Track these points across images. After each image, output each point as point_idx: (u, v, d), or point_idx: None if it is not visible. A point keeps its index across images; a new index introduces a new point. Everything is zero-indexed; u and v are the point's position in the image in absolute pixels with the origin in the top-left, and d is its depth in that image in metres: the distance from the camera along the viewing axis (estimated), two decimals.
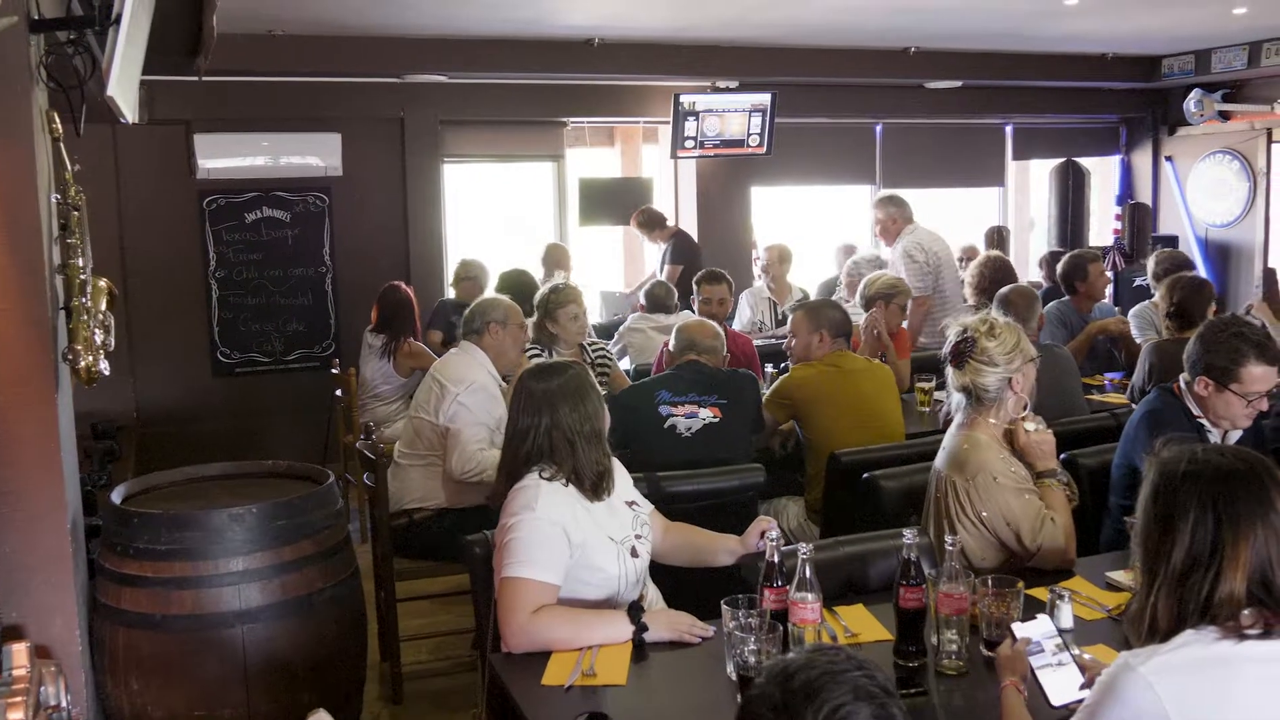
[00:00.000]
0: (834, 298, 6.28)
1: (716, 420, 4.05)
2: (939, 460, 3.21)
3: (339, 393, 6.46)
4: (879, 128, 9.64)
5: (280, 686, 3.32)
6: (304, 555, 3.41)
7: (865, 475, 3.65)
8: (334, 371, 6.70)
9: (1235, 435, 3.47)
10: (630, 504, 3.00)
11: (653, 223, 8.24)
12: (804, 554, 2.44)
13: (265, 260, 7.74)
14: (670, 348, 4.53)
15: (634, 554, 2.85)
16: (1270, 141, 9.72)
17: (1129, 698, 1.75)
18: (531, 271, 7.11)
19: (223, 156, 7.52)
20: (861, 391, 4.40)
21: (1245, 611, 1.76)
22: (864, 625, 2.67)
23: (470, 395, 4.29)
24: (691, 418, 4.03)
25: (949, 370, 3.21)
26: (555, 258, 7.39)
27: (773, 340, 6.58)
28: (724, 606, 2.43)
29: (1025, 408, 3.16)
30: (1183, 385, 3.50)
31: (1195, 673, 1.73)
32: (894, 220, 6.85)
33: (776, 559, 2.52)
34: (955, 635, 2.44)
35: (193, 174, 7.48)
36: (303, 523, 3.44)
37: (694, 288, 5.94)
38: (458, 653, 4.64)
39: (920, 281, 6.45)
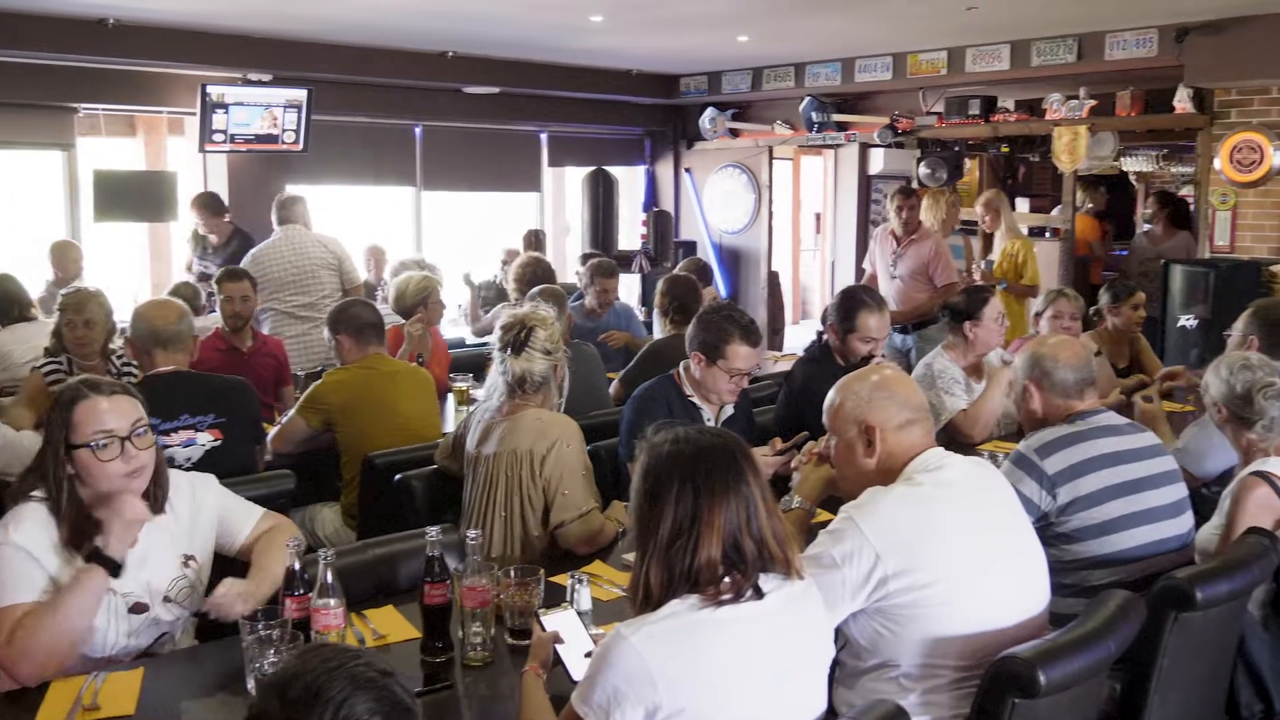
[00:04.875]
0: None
1: (219, 444, 3.79)
2: (498, 443, 3.27)
3: None
4: (419, 129, 9.67)
5: None
6: None
7: (399, 476, 3.65)
8: None
9: (728, 413, 3.85)
10: (187, 560, 2.71)
11: (213, 207, 7.72)
12: (325, 559, 2.39)
13: None
14: (130, 335, 4.03)
15: (136, 610, 2.58)
16: (772, 158, 10.82)
17: (619, 664, 1.88)
18: (27, 272, 6.38)
19: None
20: (397, 394, 4.38)
21: (725, 580, 1.94)
22: (392, 626, 2.67)
23: None
24: (190, 445, 3.72)
25: (503, 359, 3.31)
26: (63, 256, 6.72)
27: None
28: (240, 620, 2.32)
29: (561, 395, 3.45)
30: (681, 371, 3.86)
31: (677, 638, 1.89)
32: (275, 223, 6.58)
33: (297, 566, 2.45)
34: (480, 627, 2.49)
35: None
36: None
37: (214, 286, 5.56)
38: None
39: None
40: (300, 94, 8.32)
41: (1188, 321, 7.05)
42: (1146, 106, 7.99)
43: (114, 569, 2.43)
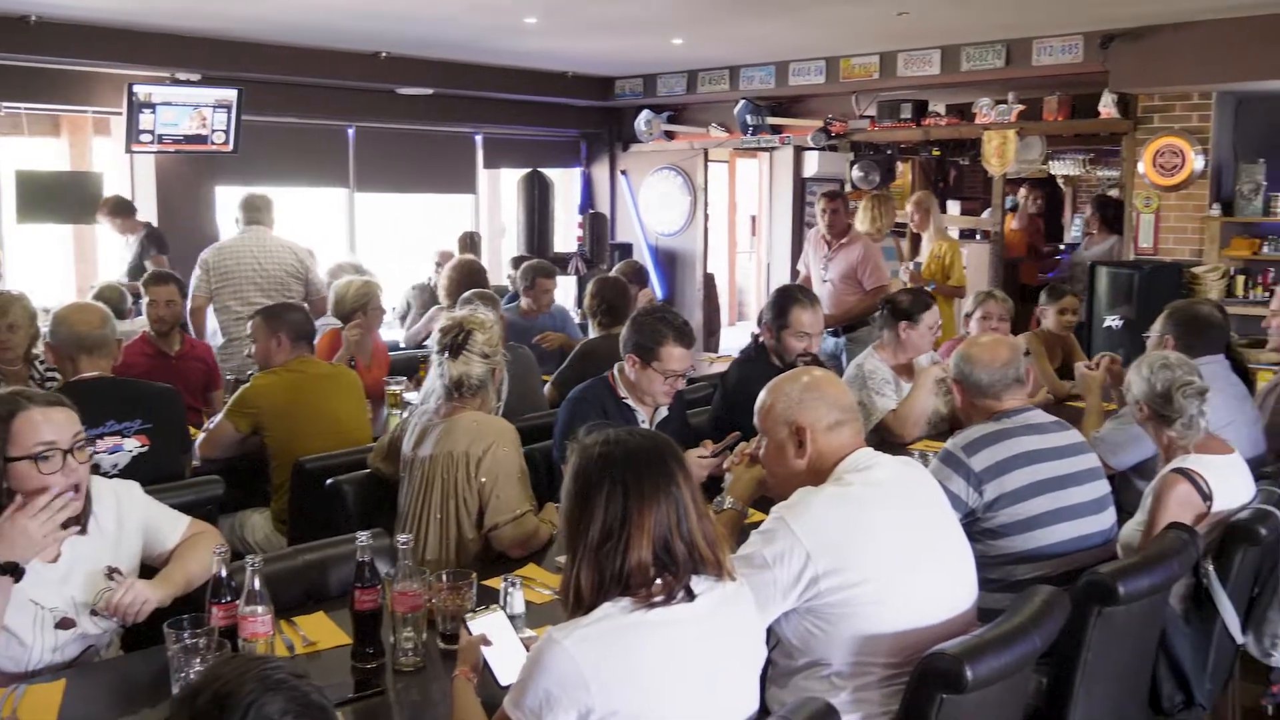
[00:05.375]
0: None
1: (145, 449, 3.72)
2: (435, 445, 3.25)
3: None
4: (351, 130, 9.58)
5: None
6: None
7: (330, 481, 3.61)
8: None
9: (663, 415, 3.87)
10: (111, 573, 2.62)
11: (122, 211, 7.59)
12: (252, 566, 2.35)
13: None
14: (50, 340, 3.91)
15: (63, 625, 2.52)
16: (707, 160, 10.88)
17: (552, 668, 1.88)
18: None
19: None
20: (326, 397, 4.33)
21: (657, 582, 1.95)
22: (323, 633, 2.63)
23: None
24: (116, 451, 3.65)
25: (440, 362, 3.30)
26: None
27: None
28: (166, 629, 2.28)
29: (499, 399, 3.43)
30: (616, 373, 3.86)
31: (609, 641, 1.89)
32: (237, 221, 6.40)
33: (224, 573, 2.41)
34: (411, 632, 2.47)
35: None
36: None
37: (140, 289, 5.45)
38: None
39: (196, 288, 6.03)
40: (230, 94, 8.20)
41: (1113, 322, 7.19)
42: (1073, 111, 8.16)
43: (14, 572, 2.36)
